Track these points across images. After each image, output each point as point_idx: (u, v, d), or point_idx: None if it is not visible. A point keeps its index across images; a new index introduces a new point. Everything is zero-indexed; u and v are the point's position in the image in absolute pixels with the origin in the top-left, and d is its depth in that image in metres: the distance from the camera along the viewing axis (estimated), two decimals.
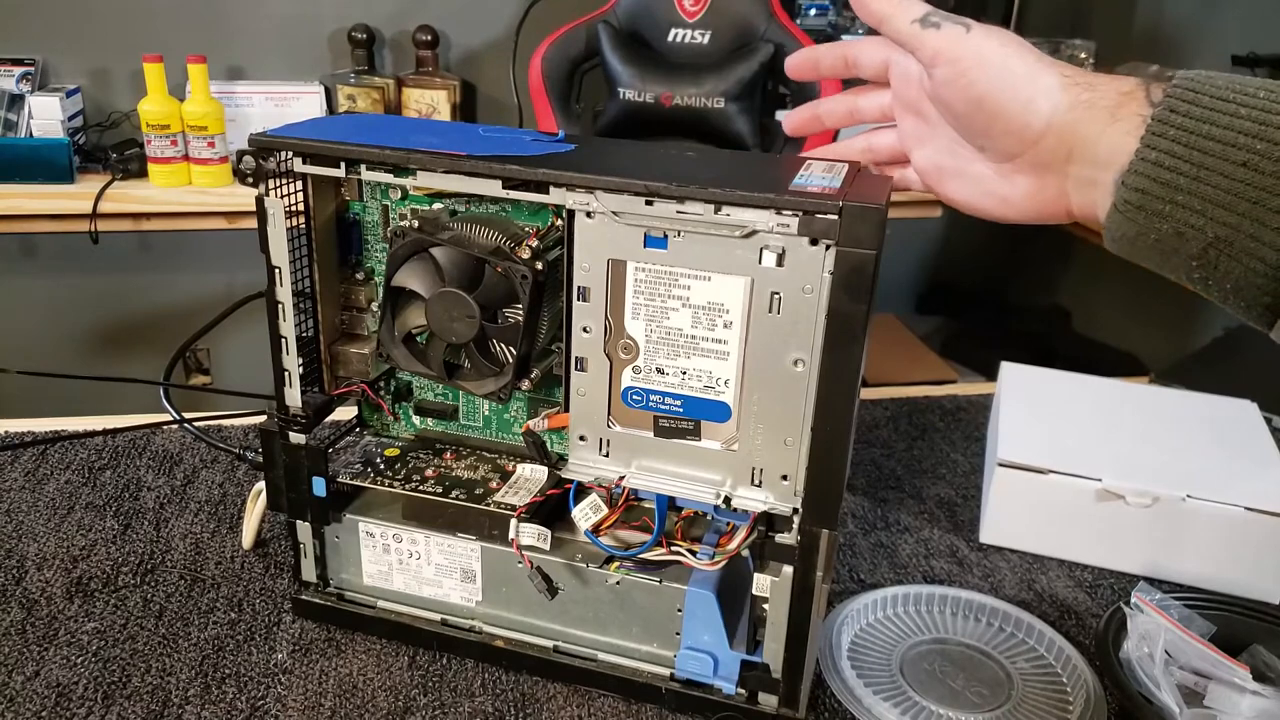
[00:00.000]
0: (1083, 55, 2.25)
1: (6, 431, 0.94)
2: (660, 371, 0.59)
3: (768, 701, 0.63)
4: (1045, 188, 0.54)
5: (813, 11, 2.11)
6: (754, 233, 0.54)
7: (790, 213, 0.52)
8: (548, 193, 0.57)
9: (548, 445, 0.66)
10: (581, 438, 0.62)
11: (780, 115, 1.72)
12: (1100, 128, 0.50)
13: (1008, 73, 0.52)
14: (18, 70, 1.99)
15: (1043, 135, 0.52)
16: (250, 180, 0.61)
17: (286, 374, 0.65)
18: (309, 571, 0.71)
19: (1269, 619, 0.70)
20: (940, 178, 0.60)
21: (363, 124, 0.67)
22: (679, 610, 0.63)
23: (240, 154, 0.60)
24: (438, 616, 0.69)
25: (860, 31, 2.21)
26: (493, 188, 0.58)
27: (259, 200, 0.61)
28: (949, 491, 0.93)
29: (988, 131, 0.54)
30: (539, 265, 0.59)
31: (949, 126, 0.57)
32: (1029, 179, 0.54)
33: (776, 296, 0.55)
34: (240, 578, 0.76)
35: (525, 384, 0.63)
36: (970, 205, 0.58)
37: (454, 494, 0.67)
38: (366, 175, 0.61)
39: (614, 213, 0.56)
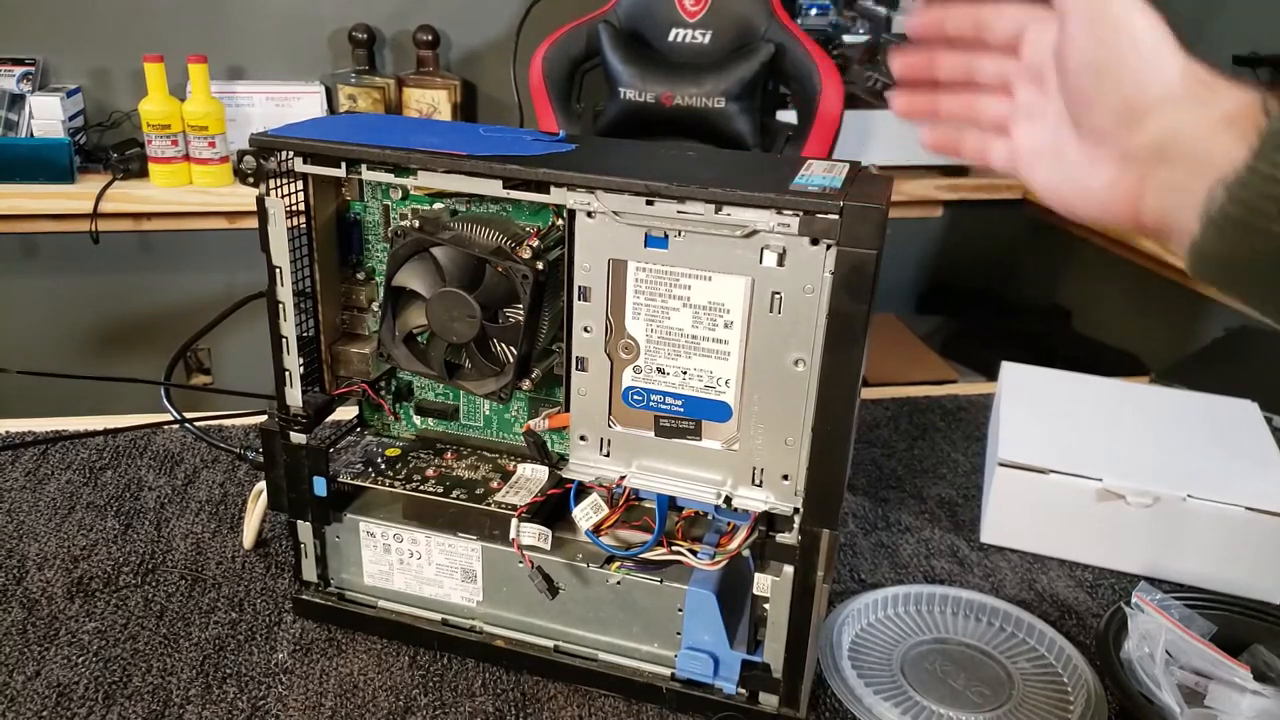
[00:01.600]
0: None
1: (7, 431, 0.94)
2: (661, 371, 0.59)
3: (768, 701, 0.63)
4: (1123, 182, 0.51)
5: (813, 11, 2.11)
6: (755, 232, 0.54)
7: (791, 212, 0.52)
8: (548, 192, 0.57)
9: (548, 445, 0.66)
10: (582, 437, 0.62)
11: (781, 116, 1.73)
12: (1207, 131, 0.46)
13: (1133, 44, 0.50)
14: (18, 70, 1.99)
15: (1143, 120, 0.49)
16: (251, 180, 0.61)
17: (287, 374, 0.65)
18: (310, 571, 0.71)
19: (1269, 619, 0.70)
20: (1034, 160, 0.57)
21: (363, 124, 0.67)
22: (680, 610, 0.63)
23: (241, 154, 0.60)
24: (438, 616, 0.69)
25: (861, 32, 2.21)
26: (493, 187, 0.58)
27: (260, 200, 0.61)
28: (950, 491, 0.93)
29: (1093, 101, 0.51)
30: (540, 265, 0.59)
31: (1061, 101, 0.54)
32: (1112, 170, 0.52)
33: (777, 296, 0.55)
34: (241, 577, 0.76)
35: (526, 384, 0.63)
36: (1052, 191, 0.56)
37: (455, 494, 0.67)
38: (367, 175, 0.61)
39: (615, 212, 0.56)
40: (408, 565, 0.68)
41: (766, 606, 0.61)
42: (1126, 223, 0.53)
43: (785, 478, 0.58)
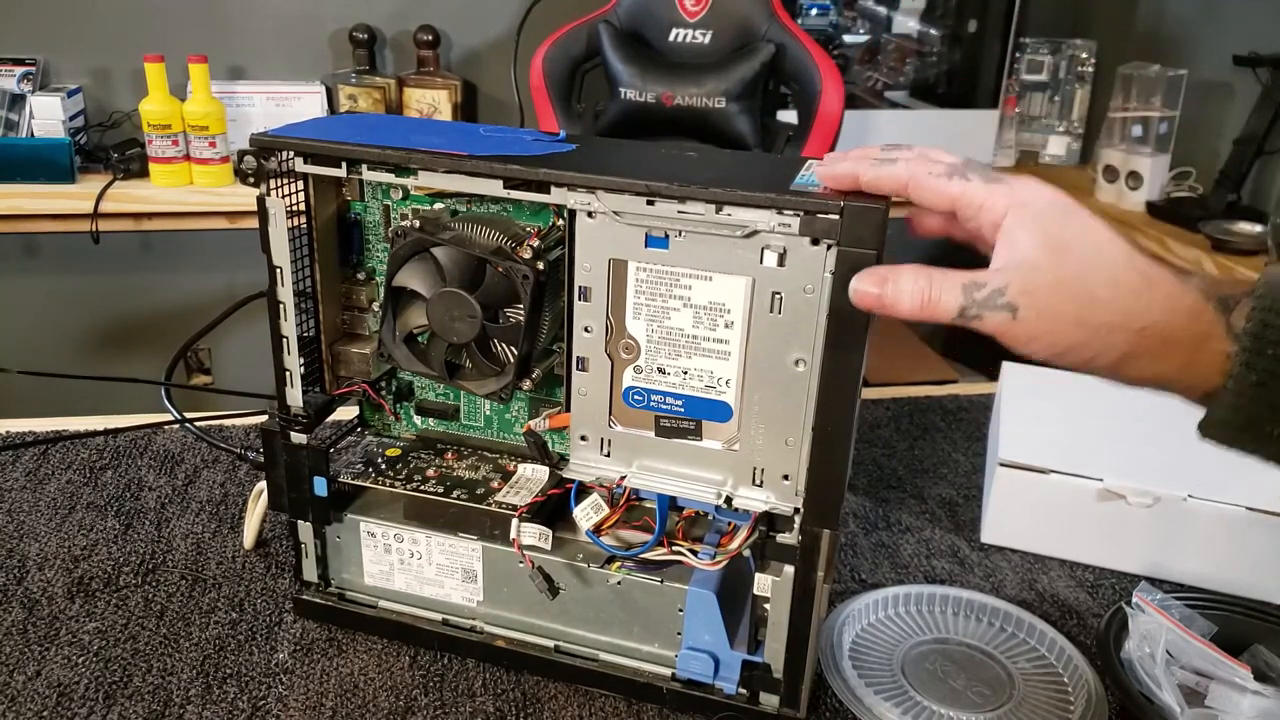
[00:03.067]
0: (1083, 55, 2.25)
1: (7, 431, 0.94)
2: (661, 371, 0.59)
3: (769, 701, 0.63)
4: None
5: (814, 11, 2.11)
6: (755, 232, 0.54)
7: (791, 212, 0.52)
8: (549, 192, 0.57)
9: (549, 445, 0.66)
10: (583, 437, 0.62)
11: (781, 116, 1.73)
12: (1174, 374, 0.49)
13: (1065, 344, 0.48)
14: (19, 70, 1.99)
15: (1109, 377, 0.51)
16: (251, 180, 0.61)
17: (288, 374, 0.65)
18: (310, 571, 0.71)
19: (1270, 619, 0.70)
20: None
21: (364, 124, 0.67)
22: (680, 610, 0.63)
23: (241, 154, 0.60)
24: (439, 616, 0.69)
25: (861, 32, 2.21)
26: (494, 187, 0.58)
27: (260, 200, 0.61)
28: (950, 491, 0.93)
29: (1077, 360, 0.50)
30: (540, 265, 0.59)
31: None
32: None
33: (778, 296, 0.55)
34: (241, 578, 0.76)
35: (526, 384, 0.63)
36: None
37: (455, 494, 0.67)
38: (368, 175, 0.61)
39: (615, 212, 0.56)
40: (408, 565, 0.68)
41: (767, 606, 0.61)
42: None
43: (786, 478, 0.58)
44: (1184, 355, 0.48)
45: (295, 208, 0.63)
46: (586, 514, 0.63)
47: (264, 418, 0.68)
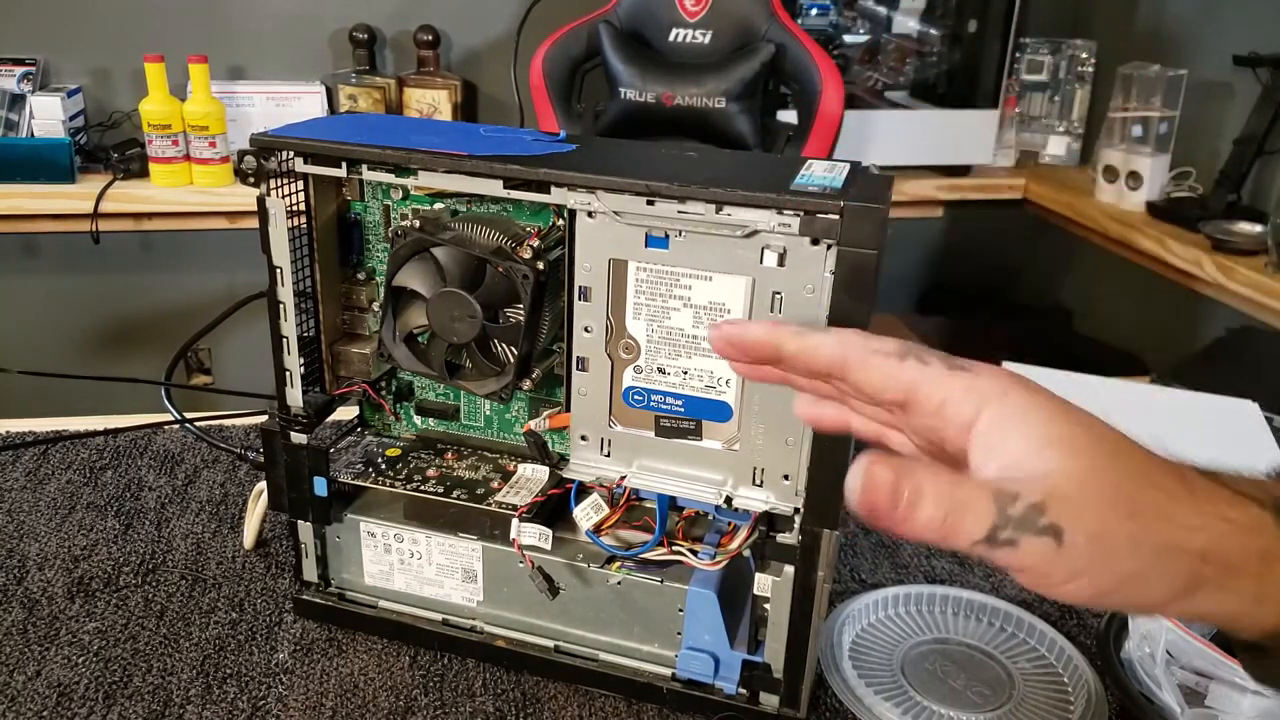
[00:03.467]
0: (1084, 55, 2.25)
1: (7, 431, 0.94)
2: (661, 371, 0.59)
3: (769, 701, 0.63)
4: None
5: (814, 11, 2.11)
6: (755, 232, 0.54)
7: (791, 213, 0.52)
8: (549, 192, 0.57)
9: (549, 445, 0.66)
10: (583, 437, 0.62)
11: (781, 116, 1.72)
12: (1242, 607, 0.38)
13: (1119, 578, 0.37)
14: (19, 70, 1.99)
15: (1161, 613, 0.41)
16: (252, 180, 0.61)
17: (288, 374, 0.65)
18: (310, 571, 0.71)
19: None
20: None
21: (364, 124, 0.67)
22: (680, 610, 0.63)
23: (241, 154, 0.60)
24: (439, 616, 0.69)
25: (861, 32, 2.21)
26: (494, 187, 0.58)
27: (260, 200, 0.61)
28: None
29: (1130, 598, 0.39)
30: (540, 265, 0.59)
31: None
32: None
33: (778, 296, 0.55)
34: (241, 578, 0.76)
35: (526, 384, 0.63)
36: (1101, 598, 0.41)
37: (455, 494, 0.67)
38: (368, 175, 0.61)
39: (615, 212, 0.56)
40: (408, 565, 0.68)
41: (767, 606, 0.61)
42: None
43: (786, 477, 0.58)
44: (1252, 583, 0.38)
45: (295, 208, 0.63)
46: (586, 514, 0.63)
47: (264, 418, 0.68)
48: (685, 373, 0.58)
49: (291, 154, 0.62)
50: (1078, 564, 0.37)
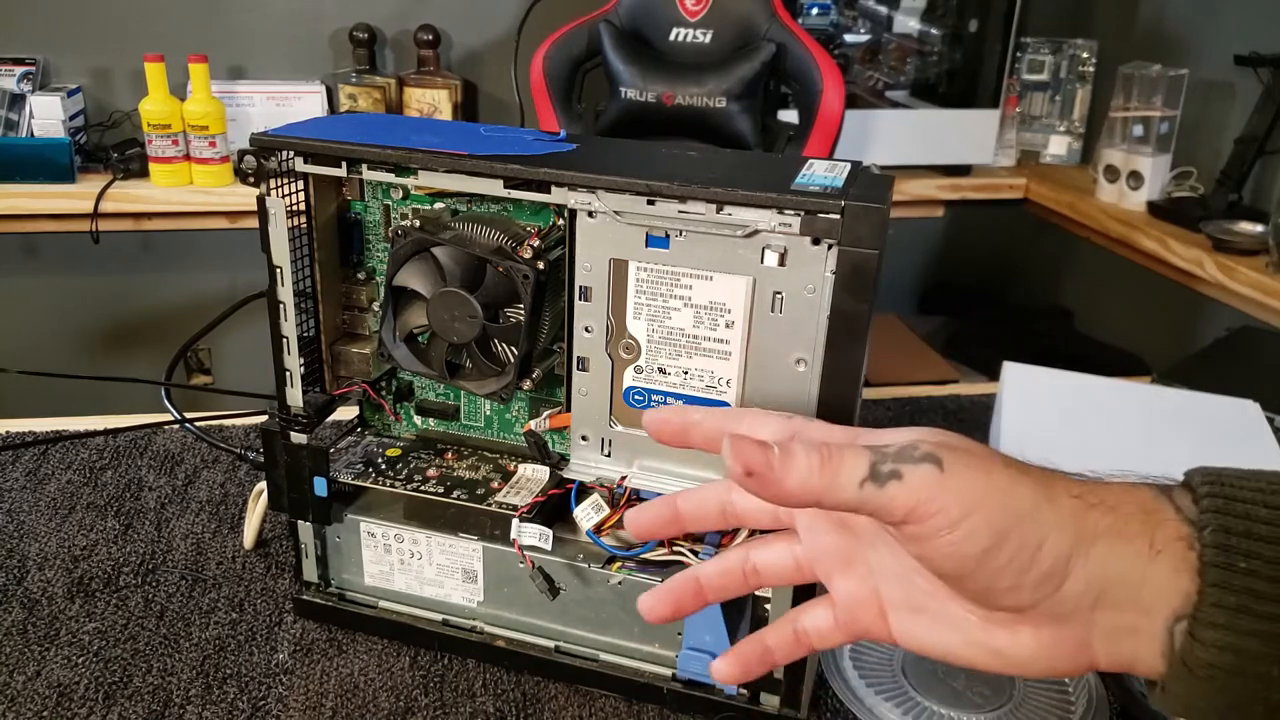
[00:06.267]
0: (1084, 55, 2.25)
1: (7, 431, 0.94)
2: (662, 371, 0.59)
3: (769, 702, 0.63)
4: (1061, 641, 0.40)
5: (814, 11, 2.11)
6: (756, 232, 0.54)
7: (792, 212, 0.52)
8: (549, 192, 0.57)
9: (549, 445, 0.66)
10: (583, 438, 0.62)
11: (782, 115, 1.72)
12: (1140, 565, 0.38)
13: (1010, 513, 0.38)
14: (19, 70, 1.99)
15: (1063, 581, 0.39)
16: (252, 180, 0.61)
17: (288, 374, 0.65)
18: (310, 571, 0.70)
19: None
20: (887, 616, 0.44)
21: (364, 123, 0.67)
22: None
23: (242, 153, 0.60)
24: (439, 617, 0.69)
25: (862, 31, 2.21)
26: (494, 187, 0.58)
27: (260, 200, 0.61)
28: None
29: (990, 588, 0.39)
30: (540, 265, 0.59)
31: (907, 560, 0.42)
32: (1038, 630, 0.40)
33: (778, 296, 0.55)
34: (241, 578, 0.76)
35: (527, 384, 0.63)
36: (944, 654, 0.43)
37: (455, 494, 0.67)
38: (368, 175, 0.61)
39: (616, 212, 0.56)
40: (408, 565, 0.68)
41: (767, 607, 0.61)
42: (1078, 674, 0.44)
43: None
44: (1142, 529, 0.38)
45: (295, 207, 0.63)
46: (587, 514, 0.62)
47: (264, 418, 0.68)
48: (686, 373, 0.58)
49: (291, 154, 0.62)
50: (968, 492, 0.38)
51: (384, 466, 0.69)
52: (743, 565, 0.48)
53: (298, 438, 0.66)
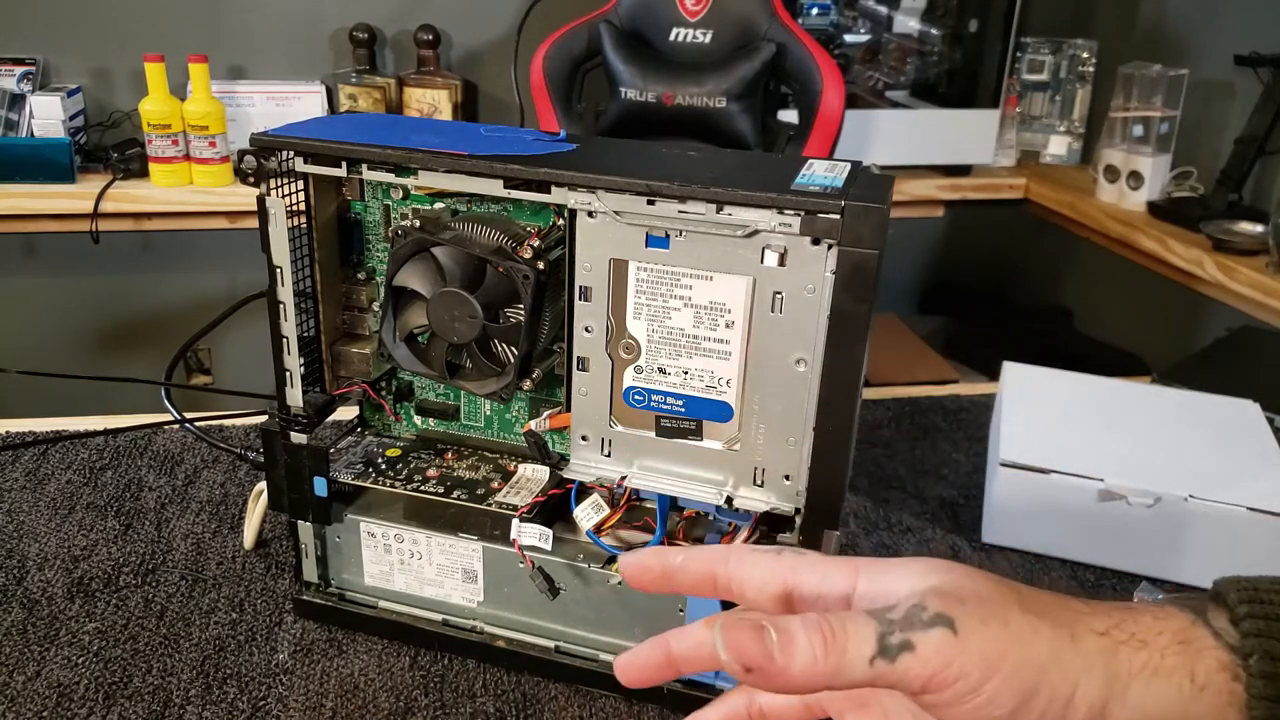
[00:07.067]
0: (1084, 55, 2.25)
1: (7, 431, 0.94)
2: (662, 371, 0.59)
3: None
4: None
5: (814, 11, 2.11)
6: (756, 232, 0.54)
7: (792, 212, 0.52)
8: (549, 192, 0.57)
9: (549, 445, 0.66)
10: (583, 438, 0.62)
11: (782, 115, 1.72)
12: (1183, 703, 0.35)
13: (1034, 668, 0.35)
14: (19, 70, 1.99)
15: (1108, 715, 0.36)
16: (252, 180, 0.61)
17: (288, 374, 0.65)
18: (310, 572, 0.70)
19: None
20: None
21: (364, 123, 0.67)
22: (681, 611, 0.63)
23: (242, 153, 0.60)
24: (439, 617, 0.69)
25: (862, 31, 2.21)
26: (494, 187, 0.58)
27: (260, 200, 0.61)
28: (951, 492, 0.93)
29: None
30: (541, 265, 0.59)
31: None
32: None
33: (779, 296, 0.55)
34: (241, 578, 0.76)
35: (527, 384, 0.63)
36: None
37: (456, 494, 0.67)
38: (368, 175, 0.61)
39: (616, 212, 0.56)
40: (408, 565, 0.68)
41: None
42: None
43: (787, 478, 0.58)
44: (1180, 663, 0.36)
45: (295, 207, 0.63)
46: (587, 514, 0.62)
47: (264, 418, 0.68)
48: (686, 373, 0.58)
49: (291, 154, 0.62)
50: (987, 651, 0.34)
51: (384, 466, 0.69)
52: (748, 708, 0.46)
53: (298, 438, 0.66)
